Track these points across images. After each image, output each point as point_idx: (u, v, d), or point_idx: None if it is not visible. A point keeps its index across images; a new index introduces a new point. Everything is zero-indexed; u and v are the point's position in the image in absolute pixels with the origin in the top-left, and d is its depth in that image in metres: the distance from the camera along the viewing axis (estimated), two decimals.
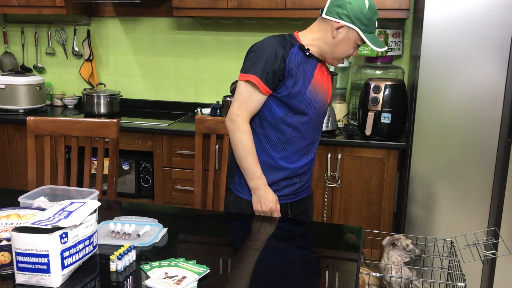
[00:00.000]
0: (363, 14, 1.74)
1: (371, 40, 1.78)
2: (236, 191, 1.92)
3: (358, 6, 1.74)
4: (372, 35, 1.79)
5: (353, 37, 1.78)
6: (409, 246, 1.88)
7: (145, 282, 1.27)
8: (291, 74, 1.77)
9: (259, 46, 1.78)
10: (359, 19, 1.75)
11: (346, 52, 1.82)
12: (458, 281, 1.84)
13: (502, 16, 2.42)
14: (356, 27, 1.76)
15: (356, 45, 1.81)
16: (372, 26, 1.78)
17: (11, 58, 3.87)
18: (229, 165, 1.98)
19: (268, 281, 1.30)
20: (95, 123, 2.24)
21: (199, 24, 3.50)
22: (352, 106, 3.14)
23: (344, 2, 1.75)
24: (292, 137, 1.84)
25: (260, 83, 1.74)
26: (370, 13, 1.75)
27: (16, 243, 1.24)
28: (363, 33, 1.76)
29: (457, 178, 2.62)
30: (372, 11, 1.76)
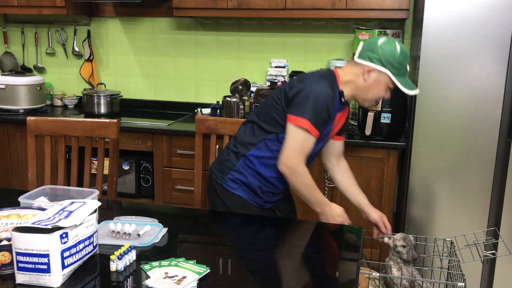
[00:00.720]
0: (394, 58, 1.78)
1: (402, 83, 1.81)
2: (231, 188, 1.94)
3: (390, 50, 1.78)
4: (403, 78, 1.82)
5: (384, 80, 1.81)
6: (397, 247, 1.89)
7: (145, 282, 1.27)
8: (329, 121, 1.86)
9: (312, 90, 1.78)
10: (390, 63, 1.78)
11: (377, 94, 1.86)
12: (458, 281, 1.84)
13: (502, 16, 2.42)
14: (387, 71, 1.80)
15: (388, 88, 1.85)
16: (404, 69, 1.82)
17: (11, 58, 3.87)
18: (221, 162, 1.99)
19: (268, 281, 1.30)
20: (95, 123, 2.24)
21: (199, 24, 3.50)
22: (352, 106, 3.14)
23: (376, 46, 1.80)
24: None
25: (313, 128, 1.79)
26: (402, 57, 1.79)
27: (16, 243, 1.24)
28: (395, 76, 1.80)
29: (457, 178, 2.62)
30: (404, 55, 1.80)
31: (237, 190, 1.94)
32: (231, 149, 1.97)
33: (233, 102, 3.06)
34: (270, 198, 1.98)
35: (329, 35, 3.30)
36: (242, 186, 1.93)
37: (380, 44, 1.80)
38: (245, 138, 1.93)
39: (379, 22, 3.19)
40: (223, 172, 1.96)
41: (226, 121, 2.34)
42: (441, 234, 2.64)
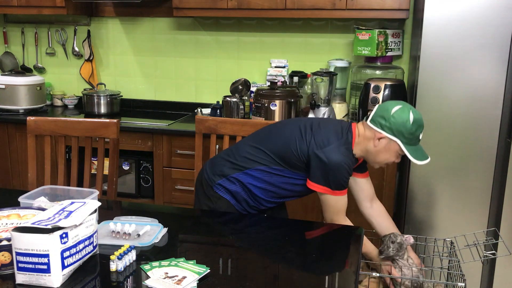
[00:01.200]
0: (406, 128, 1.79)
1: (412, 153, 1.82)
2: (220, 191, 1.95)
3: (402, 121, 1.79)
4: (414, 147, 1.83)
5: (394, 148, 1.83)
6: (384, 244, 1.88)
7: (145, 282, 1.27)
8: None
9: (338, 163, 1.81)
10: (401, 133, 1.80)
11: (387, 159, 1.88)
12: (458, 281, 1.84)
13: (502, 16, 2.42)
14: (398, 140, 1.81)
15: (398, 155, 1.86)
16: (415, 139, 1.83)
17: (11, 58, 3.87)
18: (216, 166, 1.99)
19: (268, 281, 1.30)
20: (95, 123, 2.24)
21: (199, 24, 3.50)
22: (352, 106, 3.14)
23: (388, 115, 1.80)
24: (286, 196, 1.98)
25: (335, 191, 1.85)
26: (414, 128, 1.80)
27: (16, 243, 1.25)
28: (404, 145, 1.81)
29: (457, 178, 2.62)
30: (417, 125, 1.80)
31: (225, 194, 1.94)
32: (229, 159, 1.97)
33: (233, 102, 3.06)
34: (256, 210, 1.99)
35: (329, 35, 3.30)
36: (230, 194, 1.94)
37: (393, 113, 1.80)
38: (249, 157, 1.92)
39: (379, 22, 3.19)
40: (215, 175, 1.96)
41: (226, 121, 2.34)
42: (441, 234, 2.64)
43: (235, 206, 1.94)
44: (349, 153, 1.84)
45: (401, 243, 1.91)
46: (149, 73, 3.68)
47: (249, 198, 1.93)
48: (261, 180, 1.90)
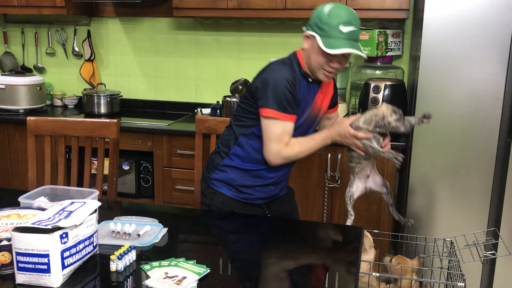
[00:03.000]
0: (320, 18, 1.71)
1: (326, 44, 1.69)
2: (215, 186, 1.95)
3: (317, 11, 1.74)
4: (331, 40, 1.69)
5: (316, 44, 1.72)
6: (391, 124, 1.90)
7: (145, 282, 1.27)
8: (299, 104, 1.82)
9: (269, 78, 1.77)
10: (316, 24, 1.72)
11: (318, 62, 1.77)
12: (458, 281, 1.84)
13: (502, 16, 2.42)
14: (314, 33, 1.73)
15: (323, 53, 1.73)
16: (333, 30, 1.69)
17: (11, 58, 3.87)
18: (208, 162, 2.03)
19: (268, 281, 1.30)
20: (95, 123, 2.24)
21: (199, 24, 3.50)
22: (352, 106, 3.14)
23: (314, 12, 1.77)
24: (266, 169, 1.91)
25: (282, 114, 1.77)
26: (329, 18, 1.70)
27: (16, 243, 1.25)
28: (321, 38, 1.70)
29: (457, 178, 2.62)
30: (333, 15, 1.69)
31: (221, 188, 1.95)
32: (215, 149, 2.02)
33: (233, 102, 3.06)
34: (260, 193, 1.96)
35: None
36: (225, 184, 1.95)
37: (316, 8, 1.76)
38: (226, 137, 1.96)
39: (379, 22, 3.19)
40: (209, 171, 1.99)
41: (226, 121, 2.34)
42: (441, 234, 2.64)
43: (233, 197, 1.94)
44: (291, 71, 1.78)
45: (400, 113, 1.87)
46: (149, 73, 3.68)
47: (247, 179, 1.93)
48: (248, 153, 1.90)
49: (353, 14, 1.73)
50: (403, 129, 1.86)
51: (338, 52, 1.68)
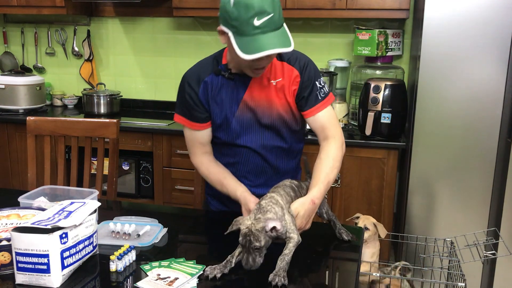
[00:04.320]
0: (228, 12, 1.41)
1: (240, 45, 1.40)
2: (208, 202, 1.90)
3: (223, 3, 1.43)
4: (246, 39, 1.40)
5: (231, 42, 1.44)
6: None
7: (137, 283, 1.27)
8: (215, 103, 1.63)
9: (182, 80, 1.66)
10: (225, 19, 1.43)
11: (241, 62, 1.51)
12: (458, 281, 1.84)
13: (502, 16, 2.42)
14: (227, 29, 1.44)
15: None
16: (245, 26, 1.38)
17: (11, 58, 3.87)
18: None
19: (268, 281, 1.30)
20: (95, 123, 2.23)
21: (199, 24, 3.50)
22: (352, 106, 3.14)
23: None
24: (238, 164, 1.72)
25: (186, 120, 1.68)
26: (237, 11, 1.38)
27: (16, 243, 1.24)
28: (234, 36, 1.42)
29: (457, 178, 2.62)
30: (241, 6, 1.37)
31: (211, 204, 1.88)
32: None
33: None
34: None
35: (329, 35, 3.29)
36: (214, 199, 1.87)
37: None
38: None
39: (379, 22, 3.18)
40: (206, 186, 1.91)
41: None
42: (441, 234, 2.64)
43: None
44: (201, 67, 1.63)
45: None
46: (149, 73, 3.67)
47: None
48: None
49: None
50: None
51: (255, 57, 1.39)
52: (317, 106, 1.66)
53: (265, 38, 1.39)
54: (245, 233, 1.28)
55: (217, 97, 1.63)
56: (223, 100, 1.64)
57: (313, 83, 1.65)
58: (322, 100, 1.66)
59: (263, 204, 1.34)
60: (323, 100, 1.67)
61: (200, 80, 1.63)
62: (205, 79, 1.63)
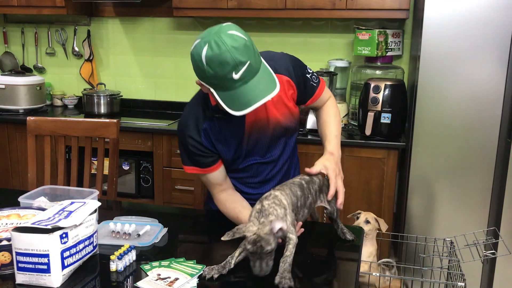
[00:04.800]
0: (203, 71, 1.35)
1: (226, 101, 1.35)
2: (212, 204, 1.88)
3: (195, 61, 1.36)
4: (231, 92, 1.34)
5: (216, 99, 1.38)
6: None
7: (137, 283, 1.27)
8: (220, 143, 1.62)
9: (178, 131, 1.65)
10: (202, 77, 1.38)
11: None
12: (458, 281, 1.84)
13: (502, 16, 2.42)
14: (208, 86, 1.38)
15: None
16: (225, 82, 1.33)
17: (11, 58, 3.87)
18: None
19: (268, 281, 1.30)
20: (95, 123, 2.24)
21: (199, 24, 3.50)
22: (352, 106, 3.14)
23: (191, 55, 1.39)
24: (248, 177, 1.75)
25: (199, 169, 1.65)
26: (212, 69, 1.32)
27: (16, 243, 1.24)
28: (217, 92, 1.37)
29: (457, 178, 2.62)
30: (215, 65, 1.31)
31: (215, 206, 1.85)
32: None
33: None
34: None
35: (329, 35, 3.30)
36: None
37: (191, 51, 1.37)
38: None
39: (379, 22, 3.19)
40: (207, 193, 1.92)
41: None
42: (441, 234, 2.64)
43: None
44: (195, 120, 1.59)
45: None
46: (149, 73, 3.67)
47: None
48: None
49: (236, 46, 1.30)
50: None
51: (245, 113, 1.35)
52: (315, 94, 1.75)
53: (249, 89, 1.34)
54: (254, 239, 1.25)
55: (220, 138, 1.62)
56: (227, 139, 1.62)
57: (304, 76, 1.70)
58: (317, 86, 1.75)
59: (265, 206, 1.33)
60: (318, 86, 1.76)
61: (199, 129, 1.60)
62: (203, 127, 1.60)
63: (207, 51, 1.30)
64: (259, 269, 1.27)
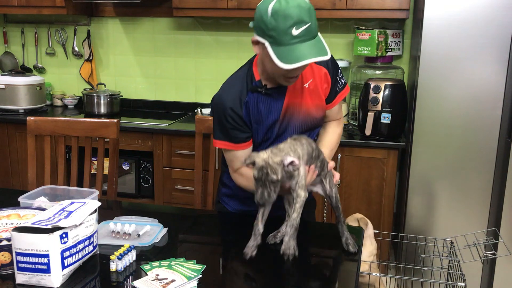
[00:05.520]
0: (265, 23, 1.41)
1: (278, 55, 1.41)
2: (224, 202, 1.90)
3: (260, 14, 1.43)
4: (284, 49, 1.41)
5: (267, 52, 1.44)
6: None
7: (133, 283, 1.27)
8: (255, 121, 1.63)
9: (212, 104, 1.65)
10: (262, 30, 1.43)
11: (275, 71, 1.51)
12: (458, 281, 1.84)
13: (502, 16, 2.42)
14: (264, 40, 1.44)
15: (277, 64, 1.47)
16: (283, 36, 1.39)
17: (11, 58, 3.87)
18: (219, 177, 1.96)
19: (268, 281, 1.30)
20: (95, 123, 2.24)
21: (199, 24, 3.50)
22: (352, 106, 3.14)
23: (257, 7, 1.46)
24: None
25: (228, 144, 1.64)
26: (274, 21, 1.39)
27: (16, 243, 1.24)
28: (272, 46, 1.42)
29: (457, 178, 2.62)
30: (279, 17, 1.38)
31: (227, 204, 1.89)
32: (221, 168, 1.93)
33: None
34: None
35: (329, 35, 3.30)
36: (231, 199, 1.87)
37: (258, 5, 1.45)
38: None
39: (379, 22, 3.19)
40: (219, 186, 1.94)
41: None
42: (441, 234, 2.64)
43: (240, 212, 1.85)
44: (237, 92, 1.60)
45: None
46: (149, 73, 3.67)
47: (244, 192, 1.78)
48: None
49: (302, 6, 1.40)
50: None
51: (295, 67, 1.41)
52: (336, 99, 1.76)
53: (303, 48, 1.40)
54: (261, 166, 1.25)
55: (257, 116, 1.64)
56: (263, 117, 1.64)
57: (335, 77, 1.72)
58: (339, 92, 1.75)
59: (281, 146, 1.33)
60: (341, 92, 1.75)
61: (241, 102, 1.61)
62: (246, 100, 1.62)
63: (275, 4, 1.40)
64: (260, 196, 1.28)
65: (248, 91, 1.62)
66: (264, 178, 1.26)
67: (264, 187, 1.27)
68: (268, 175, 1.25)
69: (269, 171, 1.25)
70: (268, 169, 1.25)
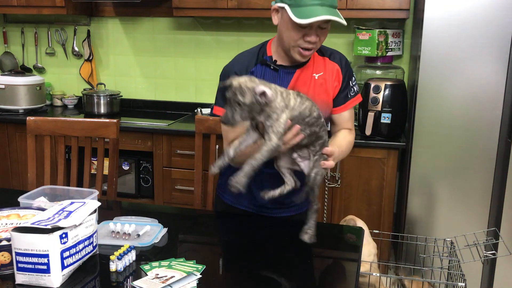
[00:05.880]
0: None
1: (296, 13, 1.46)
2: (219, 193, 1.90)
3: None
4: (303, 9, 1.46)
5: (286, 17, 1.50)
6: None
7: (133, 283, 1.27)
8: None
9: (222, 71, 1.67)
10: None
11: (291, 38, 1.54)
12: (458, 281, 1.84)
13: (502, 16, 2.42)
14: (283, 3, 1.51)
15: (295, 26, 1.50)
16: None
17: (11, 58, 3.87)
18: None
19: (268, 281, 1.30)
20: (95, 123, 2.23)
21: (199, 24, 3.50)
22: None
23: None
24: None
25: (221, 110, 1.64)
26: None
27: (16, 243, 1.24)
28: (291, 8, 1.47)
29: (457, 178, 2.62)
30: None
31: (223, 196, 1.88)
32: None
33: None
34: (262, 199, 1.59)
35: (329, 35, 3.27)
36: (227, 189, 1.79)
37: None
38: None
39: (379, 22, 3.18)
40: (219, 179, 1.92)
41: None
42: (441, 234, 2.64)
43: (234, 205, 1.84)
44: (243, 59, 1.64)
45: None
46: (149, 73, 3.67)
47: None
48: None
49: None
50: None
51: (312, 21, 1.44)
52: (346, 104, 1.73)
53: (322, 9, 1.45)
54: (234, 86, 1.29)
55: None
56: None
57: (348, 80, 1.71)
58: (351, 98, 1.74)
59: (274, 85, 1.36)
60: (352, 98, 1.74)
61: (248, 70, 1.64)
62: (252, 70, 1.64)
63: None
64: (224, 115, 1.31)
65: (257, 64, 1.64)
66: (232, 98, 1.29)
67: (230, 107, 1.30)
68: (236, 96, 1.28)
69: (237, 92, 1.28)
70: (237, 90, 1.29)
